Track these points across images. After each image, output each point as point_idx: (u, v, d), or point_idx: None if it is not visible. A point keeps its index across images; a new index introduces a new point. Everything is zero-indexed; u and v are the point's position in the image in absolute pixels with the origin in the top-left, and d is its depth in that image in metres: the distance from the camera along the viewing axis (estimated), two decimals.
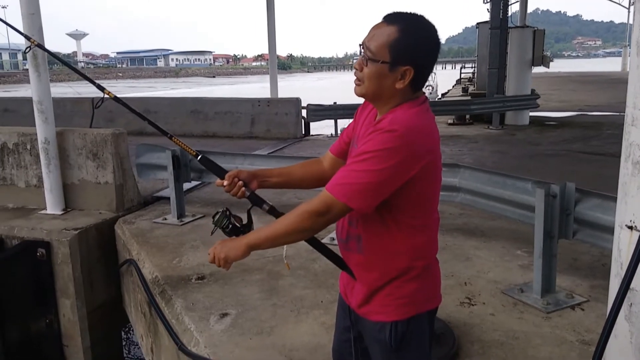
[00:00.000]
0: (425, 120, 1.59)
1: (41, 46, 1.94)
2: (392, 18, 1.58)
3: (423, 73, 1.61)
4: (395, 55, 1.55)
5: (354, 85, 1.66)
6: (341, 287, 1.87)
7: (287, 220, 1.59)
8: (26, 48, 3.28)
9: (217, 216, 1.75)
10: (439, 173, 1.68)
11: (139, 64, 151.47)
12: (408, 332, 1.67)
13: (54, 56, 2.00)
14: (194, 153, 1.87)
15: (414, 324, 1.68)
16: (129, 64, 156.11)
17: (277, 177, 1.91)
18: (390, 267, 1.65)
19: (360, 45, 1.62)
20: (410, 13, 1.60)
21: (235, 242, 1.64)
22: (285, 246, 1.70)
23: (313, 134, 12.17)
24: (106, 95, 1.90)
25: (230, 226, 1.74)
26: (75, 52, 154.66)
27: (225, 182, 1.79)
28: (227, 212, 1.75)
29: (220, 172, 1.84)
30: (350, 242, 1.71)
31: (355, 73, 1.65)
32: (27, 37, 1.99)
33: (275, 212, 1.75)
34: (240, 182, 1.78)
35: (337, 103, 12.24)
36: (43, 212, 5.53)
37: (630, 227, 2.42)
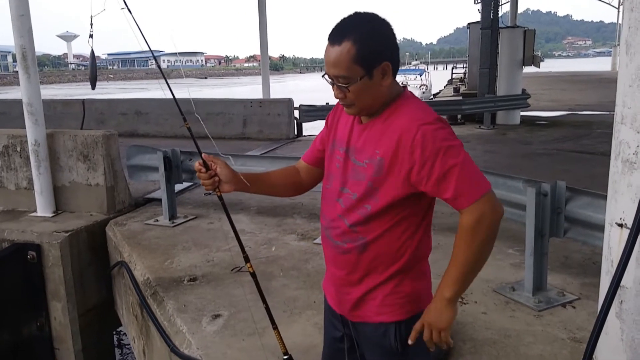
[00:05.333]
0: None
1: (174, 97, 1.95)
2: (338, 36, 1.52)
3: (396, 57, 1.60)
4: (366, 64, 1.52)
5: (345, 108, 1.64)
6: (328, 297, 1.83)
7: (477, 246, 1.55)
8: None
9: None
10: None
11: (130, 65, 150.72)
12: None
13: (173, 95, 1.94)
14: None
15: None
16: (120, 65, 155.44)
17: (258, 185, 1.90)
18: (393, 266, 1.63)
19: (323, 76, 1.60)
20: (348, 19, 1.55)
21: (437, 306, 1.56)
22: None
23: (305, 134, 12.16)
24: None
25: None
26: (66, 53, 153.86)
27: (203, 170, 1.86)
28: None
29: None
30: (348, 244, 1.66)
31: (339, 102, 1.63)
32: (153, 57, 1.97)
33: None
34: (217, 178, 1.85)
35: (329, 103, 12.26)
36: (33, 214, 5.50)
37: (620, 225, 2.43)
